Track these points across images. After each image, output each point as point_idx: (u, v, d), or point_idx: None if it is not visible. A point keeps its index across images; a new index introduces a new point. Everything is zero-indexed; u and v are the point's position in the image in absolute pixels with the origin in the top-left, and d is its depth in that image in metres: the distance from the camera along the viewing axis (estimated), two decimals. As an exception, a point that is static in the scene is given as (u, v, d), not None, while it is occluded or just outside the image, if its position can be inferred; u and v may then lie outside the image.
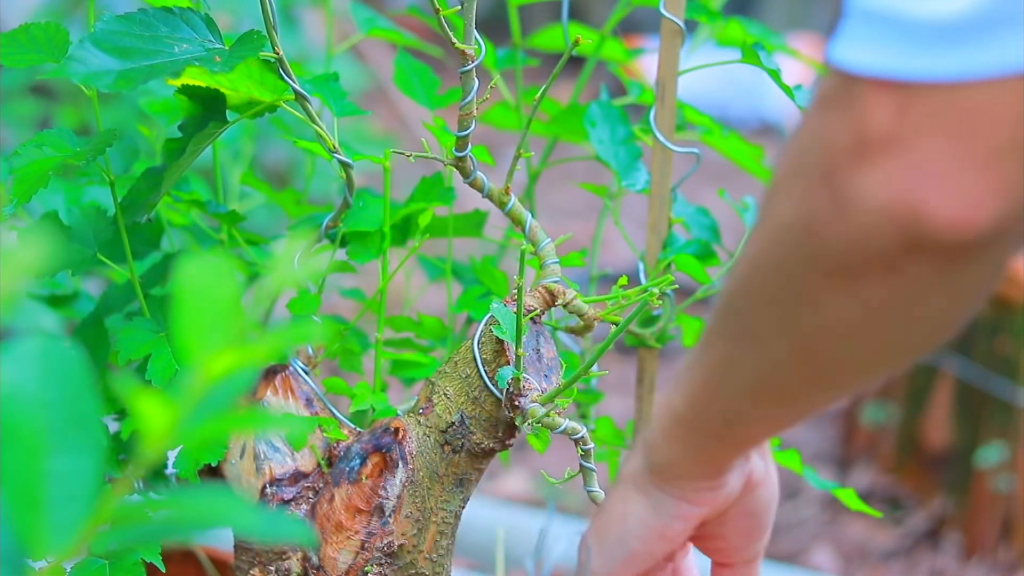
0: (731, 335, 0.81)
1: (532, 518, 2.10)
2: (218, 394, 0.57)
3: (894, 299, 0.70)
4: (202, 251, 1.25)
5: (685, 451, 0.88)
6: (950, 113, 0.66)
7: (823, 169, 0.70)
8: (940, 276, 0.69)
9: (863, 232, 0.69)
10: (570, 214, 3.96)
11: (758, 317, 0.77)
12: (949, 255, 0.68)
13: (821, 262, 0.71)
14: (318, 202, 1.60)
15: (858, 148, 0.68)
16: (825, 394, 0.80)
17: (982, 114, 0.65)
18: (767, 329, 0.77)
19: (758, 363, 0.79)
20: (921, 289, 0.70)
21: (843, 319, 0.72)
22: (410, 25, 3.66)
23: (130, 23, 0.99)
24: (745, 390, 0.81)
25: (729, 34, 1.34)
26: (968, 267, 0.69)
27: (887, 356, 0.76)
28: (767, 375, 0.79)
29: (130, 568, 1.06)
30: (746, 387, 0.81)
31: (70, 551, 0.57)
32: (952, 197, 0.66)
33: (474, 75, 1.05)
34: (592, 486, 1.07)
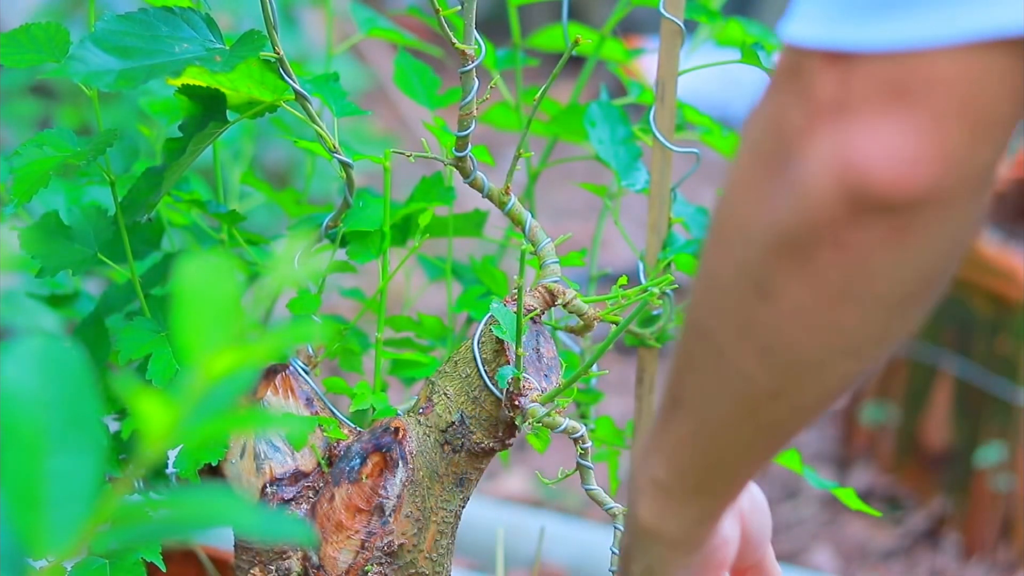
0: (697, 367, 0.77)
1: (532, 518, 2.10)
2: (218, 394, 0.57)
3: (843, 271, 0.69)
4: (202, 251, 1.25)
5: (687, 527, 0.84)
6: (892, 81, 0.66)
7: (776, 149, 0.70)
8: (889, 244, 0.68)
9: (811, 203, 0.68)
10: (570, 214, 3.96)
11: (721, 331, 0.75)
12: (893, 219, 0.67)
13: (774, 247, 0.70)
14: (318, 202, 1.60)
15: (806, 120, 0.68)
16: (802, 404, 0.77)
17: (923, 81, 0.66)
18: (731, 343, 0.74)
19: (729, 388, 0.76)
20: (871, 260, 0.69)
21: (797, 303, 0.71)
22: (410, 25, 3.66)
23: (131, 23, 0.99)
24: (725, 427, 0.78)
25: (729, 34, 1.34)
26: (913, 231, 0.68)
27: (849, 347, 0.73)
28: (741, 399, 0.76)
29: (130, 568, 1.06)
30: (725, 423, 0.78)
31: (70, 550, 0.57)
32: (894, 159, 0.66)
33: (474, 75, 1.05)
34: (590, 484, 1.07)
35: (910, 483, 2.33)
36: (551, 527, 1.99)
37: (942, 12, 0.65)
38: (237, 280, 0.69)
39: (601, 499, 1.07)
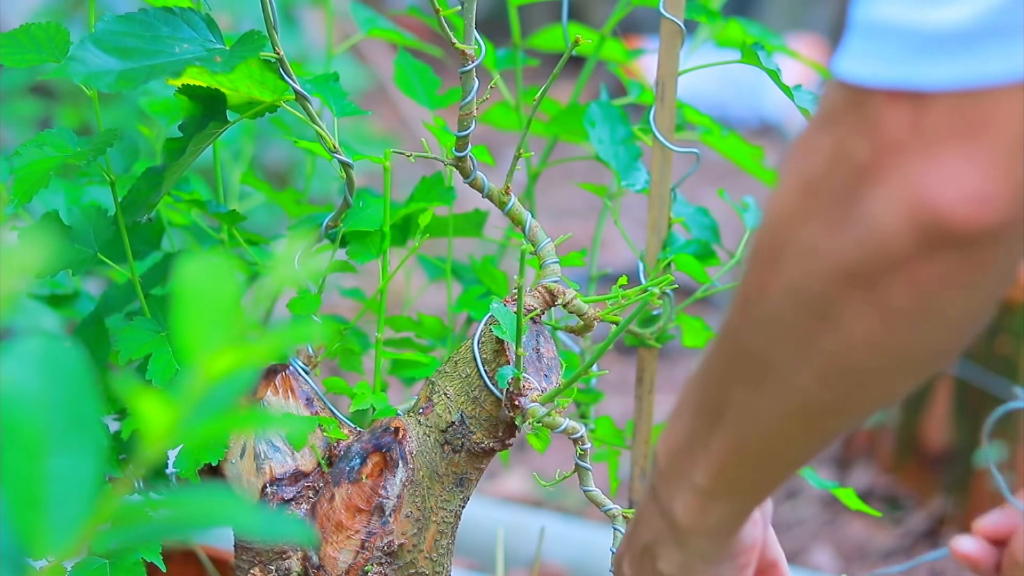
0: (746, 382, 0.79)
1: (532, 518, 2.10)
2: (218, 394, 0.57)
3: (914, 302, 0.71)
4: (202, 251, 1.25)
5: (724, 522, 0.86)
6: (962, 119, 0.68)
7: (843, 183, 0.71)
8: (957, 274, 0.70)
9: (883, 238, 0.70)
10: (570, 214, 3.96)
11: (778, 354, 0.76)
12: (965, 252, 0.69)
13: (841, 277, 0.72)
14: (318, 202, 1.61)
15: (876, 159, 0.69)
16: (856, 414, 0.80)
17: (992, 118, 0.67)
18: (787, 364, 0.76)
19: (783, 403, 0.78)
20: (939, 289, 0.71)
21: (866, 332, 0.73)
22: (410, 25, 3.66)
23: (131, 23, 0.99)
24: (774, 437, 0.80)
25: (729, 34, 1.34)
26: (983, 263, 0.70)
27: (912, 365, 0.76)
28: (795, 412, 0.78)
29: (131, 567, 1.07)
30: (774, 434, 0.80)
31: (70, 550, 0.57)
32: (966, 196, 0.68)
33: (474, 75, 1.05)
34: (588, 486, 1.07)
35: (910, 483, 2.33)
36: (551, 527, 1.99)
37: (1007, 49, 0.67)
38: (237, 280, 0.70)
39: (600, 500, 1.07)
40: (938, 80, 0.68)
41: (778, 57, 1.25)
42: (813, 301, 0.73)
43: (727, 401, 0.81)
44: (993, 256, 0.70)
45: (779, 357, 0.76)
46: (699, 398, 0.83)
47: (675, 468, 0.85)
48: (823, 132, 0.73)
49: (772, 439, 0.80)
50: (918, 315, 0.72)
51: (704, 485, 0.84)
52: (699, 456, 0.83)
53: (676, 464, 0.85)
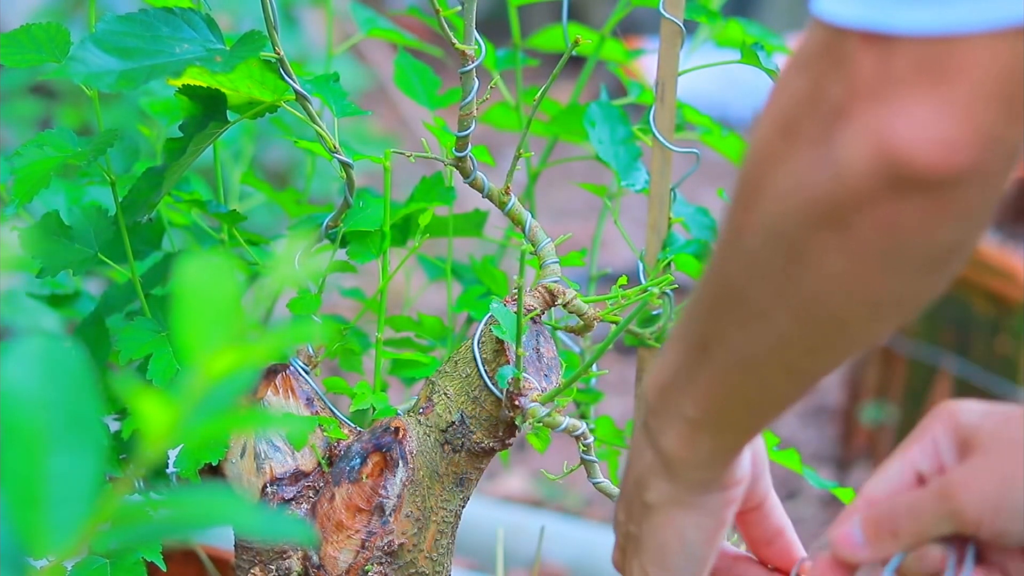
0: (729, 318, 0.81)
1: (532, 518, 2.10)
2: (219, 394, 0.57)
3: (882, 243, 0.73)
4: (203, 251, 1.25)
5: (715, 454, 0.88)
6: (932, 64, 0.69)
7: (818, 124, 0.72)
8: (923, 216, 0.72)
9: (851, 178, 0.71)
10: (570, 214, 3.96)
11: (757, 292, 0.78)
12: (930, 195, 0.71)
13: (812, 217, 0.73)
14: (318, 202, 1.61)
15: (847, 100, 0.71)
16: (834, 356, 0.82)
17: (962, 65, 0.69)
18: (766, 302, 0.78)
19: (764, 341, 0.80)
20: (906, 231, 0.72)
21: (837, 272, 0.74)
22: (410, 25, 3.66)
23: (131, 23, 0.99)
24: (757, 374, 0.82)
25: (728, 34, 1.34)
26: (949, 206, 0.72)
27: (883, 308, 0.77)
28: (775, 350, 0.80)
29: (131, 567, 1.07)
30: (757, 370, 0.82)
31: (71, 550, 0.57)
32: (933, 140, 0.69)
33: (474, 75, 1.05)
34: (596, 478, 1.07)
35: (910, 483, 2.32)
36: (551, 527, 1.99)
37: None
38: (237, 280, 0.70)
39: (610, 491, 1.07)
40: (910, 24, 0.69)
41: (778, 57, 1.25)
42: (788, 241, 0.75)
43: (713, 335, 0.83)
44: (960, 200, 0.71)
45: (759, 295, 0.78)
46: (687, 331, 0.85)
47: (665, 401, 0.87)
48: (800, 72, 0.74)
49: (755, 376, 0.82)
50: (886, 256, 0.73)
51: (694, 416, 0.85)
52: (688, 388, 0.85)
53: (665, 397, 0.87)
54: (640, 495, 0.91)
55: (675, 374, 0.86)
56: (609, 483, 1.07)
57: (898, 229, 0.72)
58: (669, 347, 0.87)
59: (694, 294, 0.84)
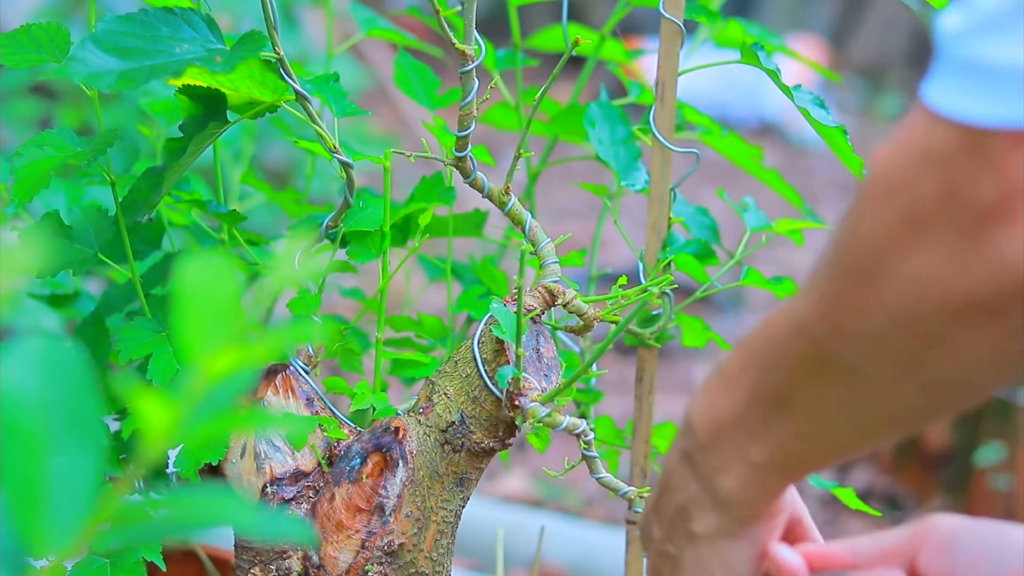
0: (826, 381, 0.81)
1: (532, 518, 2.11)
2: (219, 394, 0.57)
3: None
4: (203, 251, 1.25)
5: (770, 493, 0.89)
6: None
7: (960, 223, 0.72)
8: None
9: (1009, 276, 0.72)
10: (570, 214, 3.96)
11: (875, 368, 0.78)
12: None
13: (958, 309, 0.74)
14: (318, 202, 1.61)
15: (1003, 202, 0.71)
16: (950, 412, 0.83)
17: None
18: (886, 375, 0.78)
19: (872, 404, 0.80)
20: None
21: (985, 351, 0.75)
22: (410, 25, 3.65)
23: (131, 23, 0.99)
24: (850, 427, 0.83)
25: (728, 35, 1.34)
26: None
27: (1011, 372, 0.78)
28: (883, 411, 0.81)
29: (131, 567, 1.07)
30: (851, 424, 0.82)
31: (71, 550, 0.57)
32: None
33: (474, 75, 1.05)
34: (599, 473, 1.07)
35: (910, 483, 2.33)
36: (551, 527, 1.99)
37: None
38: (237, 280, 0.70)
39: (614, 485, 1.07)
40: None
41: (778, 57, 1.25)
42: (923, 327, 0.75)
43: (797, 391, 0.83)
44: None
45: (876, 369, 0.79)
46: (758, 382, 0.85)
47: (724, 442, 0.87)
48: (927, 169, 0.73)
49: (846, 428, 0.83)
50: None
51: (761, 462, 0.86)
52: (758, 436, 0.86)
53: (725, 438, 0.87)
54: (684, 523, 0.91)
55: (740, 418, 0.86)
56: (612, 477, 1.08)
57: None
58: (727, 387, 0.87)
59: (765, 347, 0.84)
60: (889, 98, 5.32)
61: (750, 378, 0.85)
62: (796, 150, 4.78)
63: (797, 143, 4.81)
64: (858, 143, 1.17)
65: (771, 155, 4.59)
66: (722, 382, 0.87)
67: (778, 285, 1.18)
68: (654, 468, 1.25)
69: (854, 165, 1.13)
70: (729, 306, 3.39)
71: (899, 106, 5.29)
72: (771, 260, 3.76)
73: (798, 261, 3.82)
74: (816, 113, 1.13)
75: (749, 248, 1.22)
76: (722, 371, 0.88)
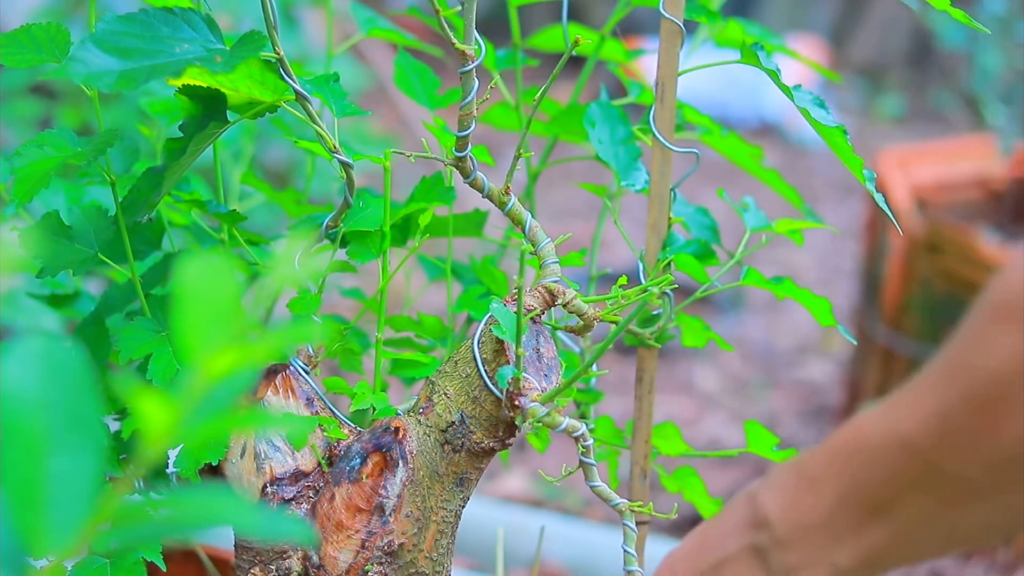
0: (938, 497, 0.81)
1: (532, 518, 2.11)
2: (219, 394, 0.57)
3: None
4: (203, 251, 1.25)
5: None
6: None
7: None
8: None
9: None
10: (570, 214, 3.96)
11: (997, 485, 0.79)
12: None
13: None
14: (318, 202, 1.61)
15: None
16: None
17: None
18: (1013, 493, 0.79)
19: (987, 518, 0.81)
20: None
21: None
22: (410, 25, 3.66)
23: (131, 23, 0.99)
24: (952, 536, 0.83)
25: (728, 35, 1.34)
26: None
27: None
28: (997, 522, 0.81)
29: (131, 567, 1.07)
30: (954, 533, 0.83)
31: (71, 550, 0.57)
32: None
33: (474, 75, 1.05)
34: (594, 481, 1.07)
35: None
36: (551, 527, 1.99)
37: None
38: (237, 280, 0.70)
39: (606, 495, 1.07)
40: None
41: (778, 57, 1.25)
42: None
43: (898, 502, 0.83)
44: None
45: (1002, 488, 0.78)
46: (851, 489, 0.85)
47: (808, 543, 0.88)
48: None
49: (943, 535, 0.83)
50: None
51: (846, 566, 0.87)
52: (846, 540, 0.86)
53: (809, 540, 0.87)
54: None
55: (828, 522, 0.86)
56: (606, 487, 1.07)
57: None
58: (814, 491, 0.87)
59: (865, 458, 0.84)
60: (889, 98, 5.31)
61: (843, 484, 0.85)
62: (796, 150, 4.78)
63: (797, 143, 4.81)
64: (858, 143, 1.17)
65: (771, 155, 4.60)
66: (805, 483, 0.87)
67: (778, 285, 1.18)
68: (654, 468, 1.25)
69: (854, 165, 1.13)
70: (729, 306, 3.39)
71: (899, 106, 5.29)
72: (771, 260, 3.76)
73: (798, 261, 3.82)
74: (816, 113, 1.13)
75: (749, 248, 1.22)
76: (804, 471, 0.87)
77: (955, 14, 1.14)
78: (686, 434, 2.42)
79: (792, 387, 3.02)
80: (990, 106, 2.70)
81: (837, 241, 3.94)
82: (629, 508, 1.07)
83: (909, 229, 2.40)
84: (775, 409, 2.88)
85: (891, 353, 2.45)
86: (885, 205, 1.13)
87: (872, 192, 1.12)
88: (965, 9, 1.23)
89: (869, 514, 0.85)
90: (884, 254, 2.50)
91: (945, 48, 2.97)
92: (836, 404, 2.85)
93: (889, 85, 5.44)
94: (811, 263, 3.83)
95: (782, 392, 2.99)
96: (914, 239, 2.40)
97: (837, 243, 3.94)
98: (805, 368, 3.13)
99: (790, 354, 3.20)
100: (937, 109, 5.10)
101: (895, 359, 2.44)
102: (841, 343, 3.17)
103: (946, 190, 2.59)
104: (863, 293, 2.64)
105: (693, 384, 2.98)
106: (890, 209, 1.19)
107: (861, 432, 0.84)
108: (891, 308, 2.46)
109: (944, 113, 4.98)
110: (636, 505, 1.08)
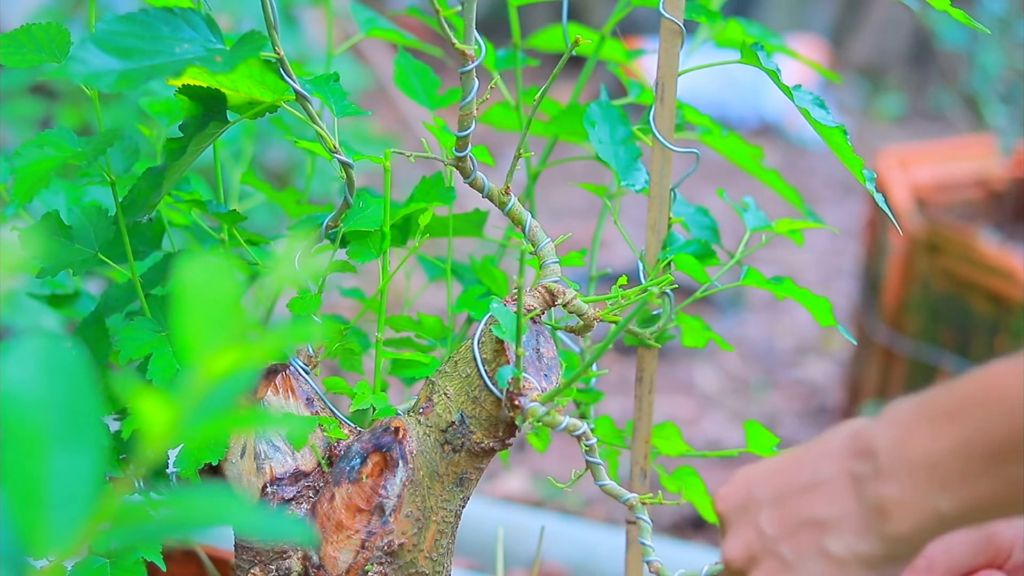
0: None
1: (532, 518, 2.11)
2: (219, 394, 0.57)
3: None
4: (203, 251, 1.25)
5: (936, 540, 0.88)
6: None
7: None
8: None
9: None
10: (570, 214, 3.96)
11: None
12: None
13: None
14: (318, 202, 1.61)
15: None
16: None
17: None
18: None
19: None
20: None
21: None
22: (410, 25, 3.66)
23: (131, 23, 0.99)
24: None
25: (728, 35, 1.34)
26: None
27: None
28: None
29: (131, 567, 1.07)
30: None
31: (71, 550, 0.57)
32: None
33: (474, 75, 1.05)
34: (602, 479, 1.07)
35: None
36: (551, 527, 1.99)
37: None
38: (237, 280, 0.70)
39: (616, 492, 1.07)
40: None
41: (778, 57, 1.25)
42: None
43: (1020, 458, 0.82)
44: None
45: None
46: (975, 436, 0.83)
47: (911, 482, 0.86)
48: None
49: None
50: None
51: (947, 512, 0.85)
52: (953, 487, 0.84)
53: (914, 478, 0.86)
54: (818, 535, 0.90)
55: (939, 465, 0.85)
56: (615, 484, 1.07)
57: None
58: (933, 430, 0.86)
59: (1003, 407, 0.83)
60: (889, 98, 5.31)
61: (967, 428, 0.84)
62: (796, 150, 4.78)
63: (797, 143, 4.81)
64: (858, 143, 1.17)
65: (771, 155, 4.60)
66: (925, 421, 0.86)
67: (778, 285, 1.18)
68: (654, 468, 1.25)
69: (854, 165, 1.13)
70: (729, 306, 3.39)
71: (899, 106, 5.29)
72: (771, 260, 3.76)
73: (798, 261, 3.82)
74: (816, 113, 1.13)
75: (749, 248, 1.22)
76: (926, 409, 0.86)
77: (955, 14, 1.14)
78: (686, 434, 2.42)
79: (792, 387, 3.02)
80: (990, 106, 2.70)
81: (837, 241, 3.94)
82: (640, 501, 1.07)
83: (909, 229, 2.40)
84: (775, 409, 2.89)
85: (891, 353, 2.45)
86: (885, 205, 1.13)
87: (872, 192, 1.12)
88: (965, 9, 1.23)
89: (984, 464, 0.83)
90: (884, 254, 2.50)
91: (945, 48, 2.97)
92: (836, 404, 2.85)
93: (889, 85, 5.44)
94: (811, 263, 3.83)
95: (782, 392, 2.99)
96: (914, 239, 2.40)
97: (837, 243, 3.94)
98: (805, 368, 3.13)
99: (790, 354, 3.21)
100: (937, 109, 5.10)
101: (895, 359, 2.44)
102: (841, 343, 3.17)
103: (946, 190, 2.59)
104: (863, 293, 2.64)
105: (693, 384, 2.98)
106: (890, 209, 1.19)
107: (995, 381, 0.83)
108: (891, 308, 2.46)
109: (944, 113, 4.98)
110: (647, 497, 1.08)
